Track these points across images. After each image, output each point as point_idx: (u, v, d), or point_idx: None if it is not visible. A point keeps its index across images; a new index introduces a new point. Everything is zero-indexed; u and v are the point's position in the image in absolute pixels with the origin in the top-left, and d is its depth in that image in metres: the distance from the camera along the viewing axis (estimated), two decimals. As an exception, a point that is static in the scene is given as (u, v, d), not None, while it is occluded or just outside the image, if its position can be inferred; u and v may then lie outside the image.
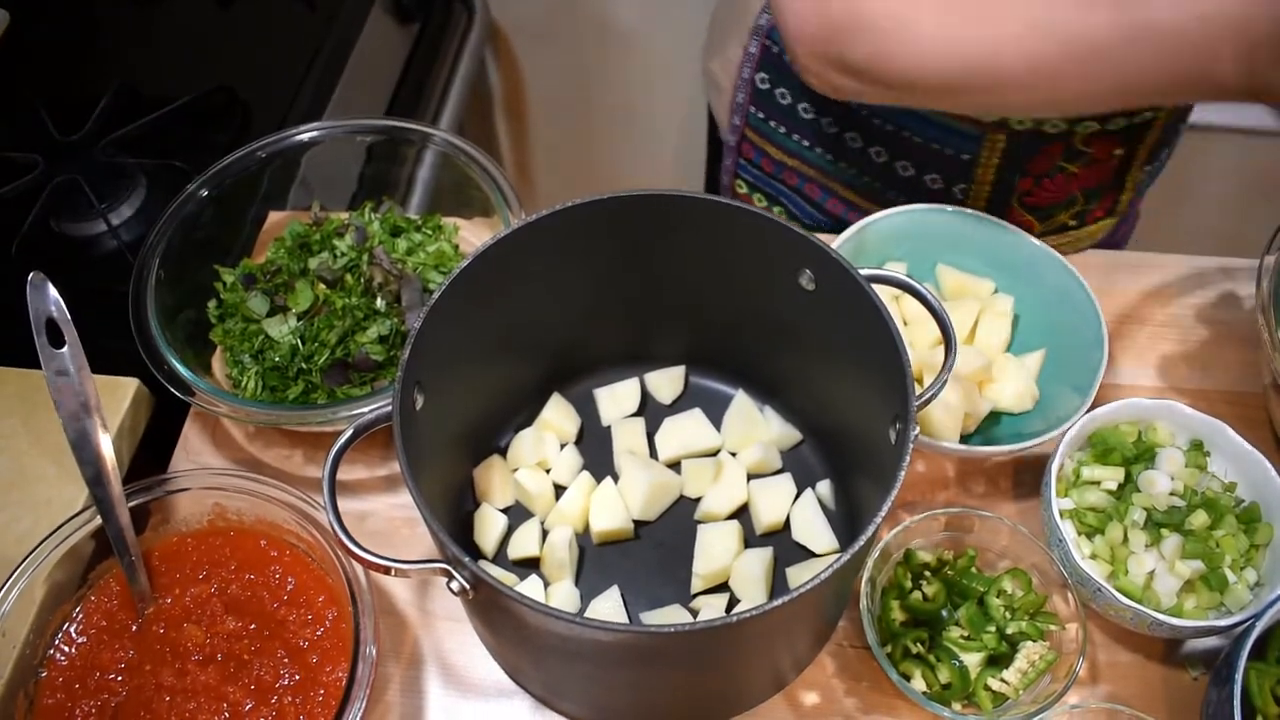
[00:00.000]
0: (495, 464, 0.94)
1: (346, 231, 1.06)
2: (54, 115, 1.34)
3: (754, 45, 1.11)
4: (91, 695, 0.80)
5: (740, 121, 1.19)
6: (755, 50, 1.12)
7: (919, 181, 1.09)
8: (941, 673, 0.82)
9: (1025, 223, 1.09)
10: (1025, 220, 1.09)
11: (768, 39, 1.10)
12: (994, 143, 1.01)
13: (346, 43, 1.49)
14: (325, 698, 0.79)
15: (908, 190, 1.10)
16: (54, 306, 0.82)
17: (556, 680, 0.82)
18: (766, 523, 0.90)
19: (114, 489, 0.83)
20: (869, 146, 1.09)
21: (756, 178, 1.24)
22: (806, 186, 1.19)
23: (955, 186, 1.07)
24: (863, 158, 1.11)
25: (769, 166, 1.21)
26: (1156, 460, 0.88)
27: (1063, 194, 1.06)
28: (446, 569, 0.68)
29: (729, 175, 1.27)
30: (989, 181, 1.05)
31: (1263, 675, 0.77)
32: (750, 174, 1.24)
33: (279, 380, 0.97)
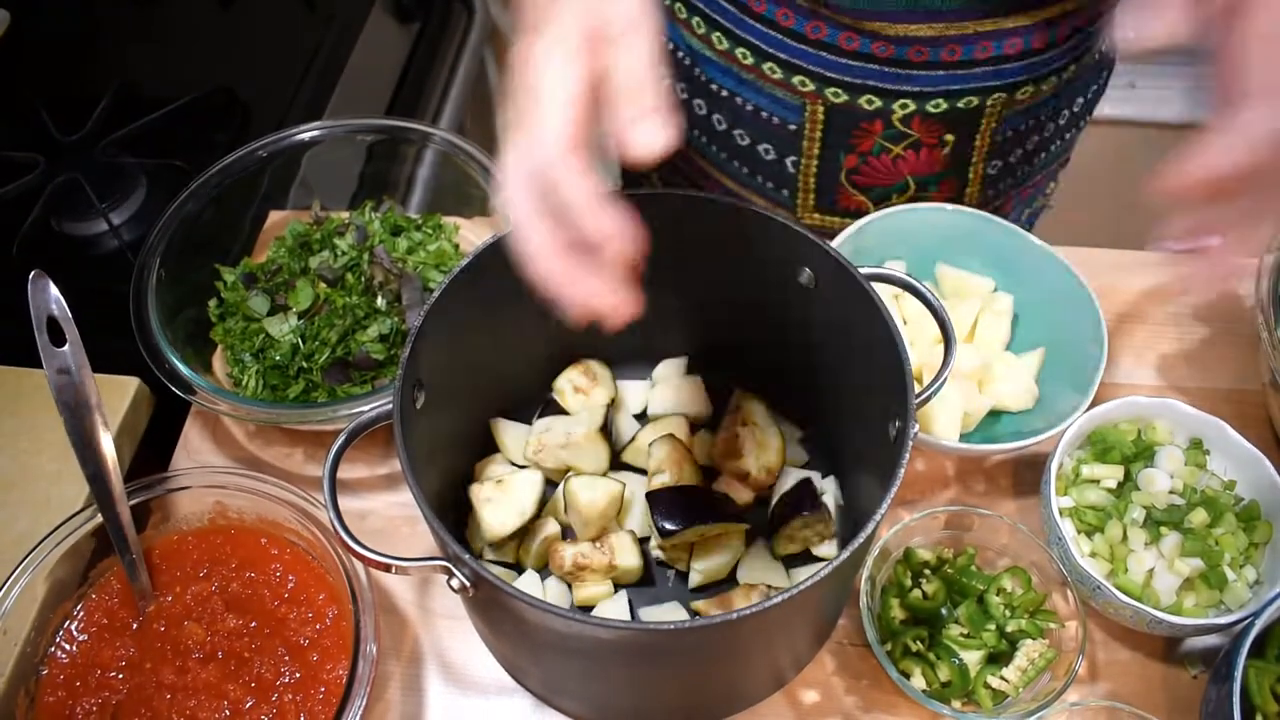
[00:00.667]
0: (496, 461, 0.94)
1: (347, 230, 1.06)
2: (55, 115, 1.34)
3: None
4: (92, 693, 0.80)
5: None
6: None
7: (754, 151, 1.08)
8: (941, 670, 0.82)
9: (858, 203, 1.09)
10: (858, 200, 1.09)
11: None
12: (814, 113, 1.01)
13: (346, 42, 1.49)
14: (326, 695, 0.79)
15: (748, 160, 1.09)
16: (55, 305, 0.82)
17: (556, 678, 0.82)
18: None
19: (115, 487, 0.83)
20: (712, 113, 1.08)
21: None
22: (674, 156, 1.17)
23: (787, 158, 1.06)
24: (708, 125, 1.10)
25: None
26: (1156, 458, 0.88)
27: (892, 177, 1.05)
28: (447, 566, 0.68)
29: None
30: (816, 155, 1.04)
31: (1262, 673, 0.77)
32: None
33: (280, 379, 0.97)
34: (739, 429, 0.90)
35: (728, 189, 1.14)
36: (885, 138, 1.02)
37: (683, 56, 1.07)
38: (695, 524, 0.82)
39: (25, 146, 1.30)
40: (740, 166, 1.10)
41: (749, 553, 0.88)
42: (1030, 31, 0.95)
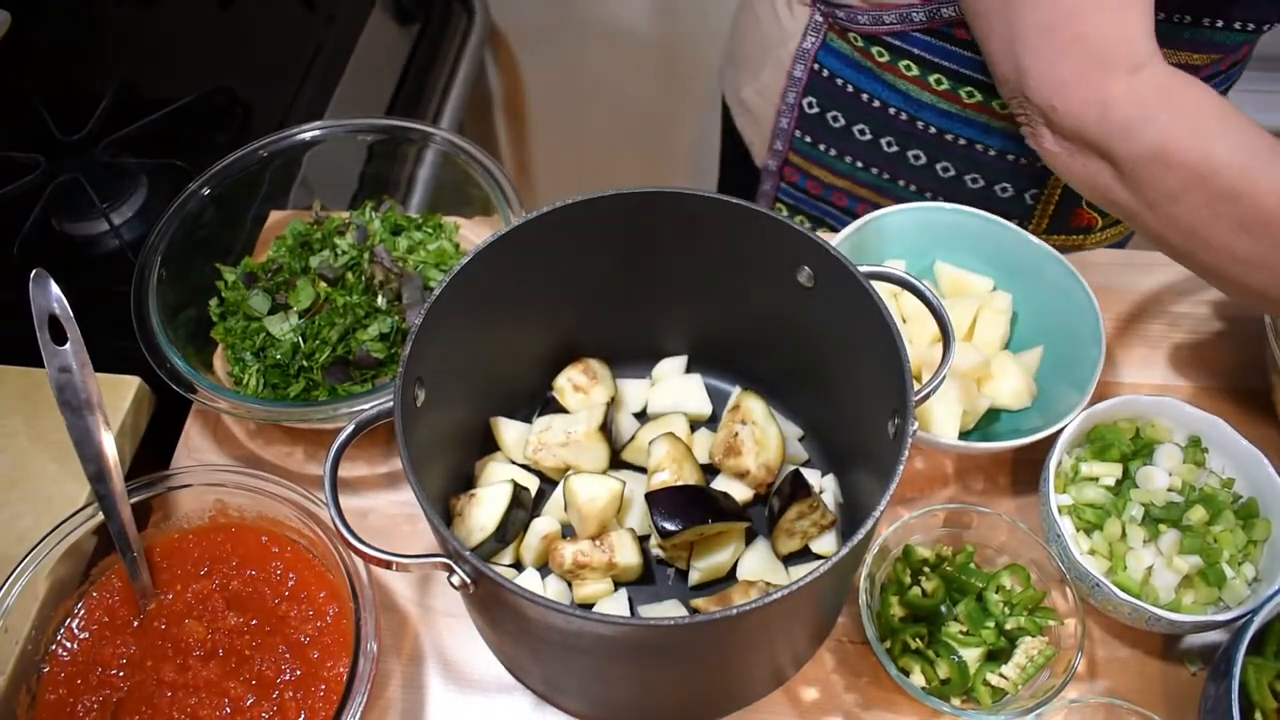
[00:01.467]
0: (496, 459, 0.94)
1: (347, 230, 1.06)
2: (56, 115, 1.34)
3: (799, 69, 1.12)
4: (93, 690, 0.80)
5: (783, 146, 1.18)
6: (802, 75, 1.12)
7: (989, 191, 1.10)
8: (941, 668, 0.82)
9: (1089, 219, 1.11)
10: (1089, 218, 1.11)
11: (815, 62, 1.10)
12: None
13: (347, 43, 1.49)
14: (326, 693, 0.79)
15: (975, 200, 1.10)
16: (56, 303, 0.82)
17: (557, 675, 0.82)
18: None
19: (116, 486, 0.83)
20: (935, 162, 1.10)
21: (799, 200, 1.24)
22: (859, 207, 1.19)
23: (1026, 193, 1.08)
24: (928, 173, 1.11)
25: (815, 189, 1.21)
26: (1155, 456, 0.89)
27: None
28: (448, 563, 0.68)
29: (767, 200, 1.27)
30: (1061, 185, 1.05)
31: (1260, 670, 0.77)
32: (792, 197, 1.25)
33: (280, 377, 0.97)
34: (738, 427, 0.90)
35: None
36: None
37: (896, 111, 1.09)
38: (695, 524, 0.82)
39: (26, 146, 1.31)
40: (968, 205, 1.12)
41: (749, 550, 0.88)
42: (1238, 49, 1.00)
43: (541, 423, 0.93)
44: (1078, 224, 1.14)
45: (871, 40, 1.06)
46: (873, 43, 1.07)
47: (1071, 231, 1.18)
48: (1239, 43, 0.98)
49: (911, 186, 1.14)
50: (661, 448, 0.89)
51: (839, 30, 1.08)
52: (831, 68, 1.11)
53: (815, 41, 1.10)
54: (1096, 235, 1.19)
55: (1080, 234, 1.18)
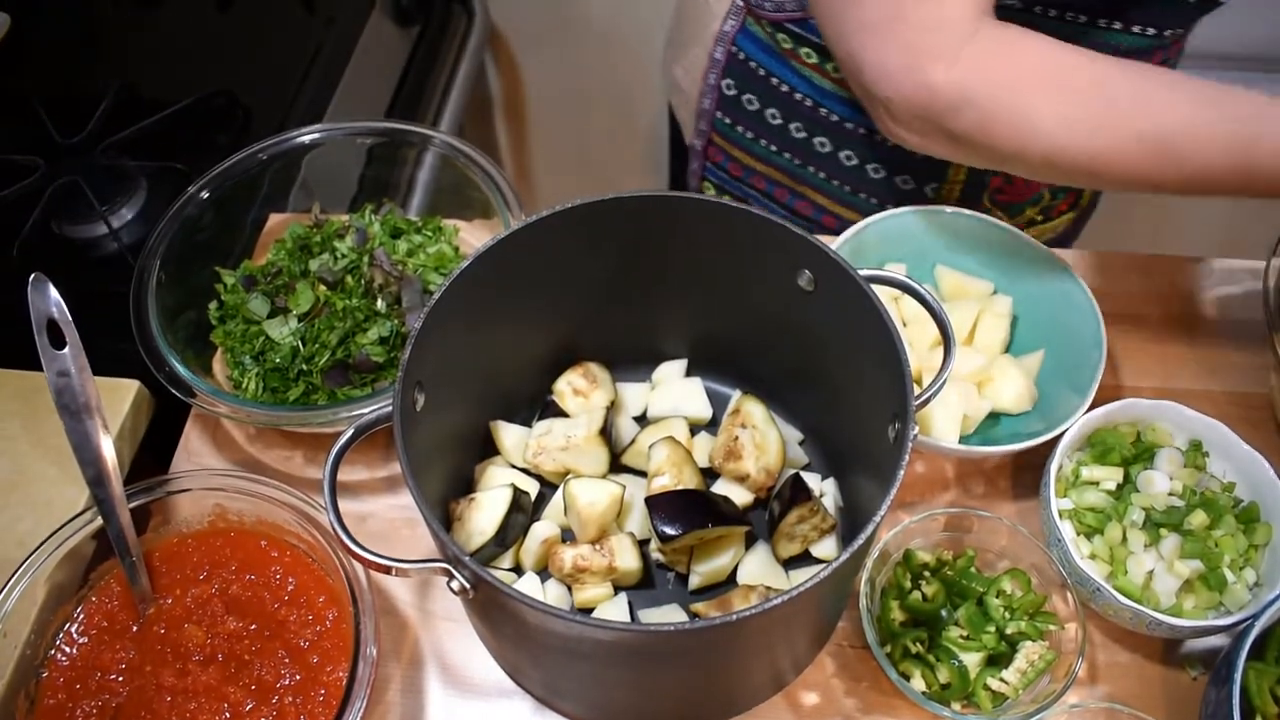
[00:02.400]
0: (496, 463, 0.94)
1: (347, 233, 1.06)
2: (55, 118, 1.34)
3: (719, 52, 1.12)
4: (92, 695, 0.80)
5: (706, 126, 1.19)
6: (721, 57, 1.12)
7: (890, 183, 1.09)
8: (941, 673, 0.82)
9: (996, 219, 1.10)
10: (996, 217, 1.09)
11: (733, 45, 1.11)
12: None
13: (346, 45, 1.49)
14: (326, 698, 0.79)
15: (878, 192, 1.10)
16: (55, 307, 0.82)
17: (556, 680, 0.82)
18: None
19: (115, 490, 0.83)
20: (839, 150, 1.10)
21: (724, 180, 1.25)
22: (776, 191, 1.19)
23: (926, 186, 1.08)
24: (832, 161, 1.11)
25: (736, 170, 1.21)
26: (1155, 460, 0.88)
27: (1031, 190, 1.06)
28: (447, 568, 0.68)
29: (695, 179, 1.28)
30: (960, 180, 1.05)
31: (1261, 675, 0.77)
32: (717, 177, 1.25)
33: (280, 381, 0.97)
34: (738, 431, 0.90)
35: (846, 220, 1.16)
36: None
37: (801, 98, 1.08)
38: (694, 529, 0.82)
39: (25, 149, 1.31)
40: (867, 199, 1.12)
41: (749, 555, 0.88)
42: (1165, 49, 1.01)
43: (541, 426, 0.93)
44: None
45: (776, 27, 1.07)
46: (778, 29, 1.07)
47: None
48: (1143, 47, 0.98)
49: (820, 174, 1.15)
50: (661, 451, 0.89)
51: (754, 14, 1.09)
52: (748, 51, 1.11)
53: (735, 25, 1.11)
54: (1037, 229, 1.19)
55: None
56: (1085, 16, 0.95)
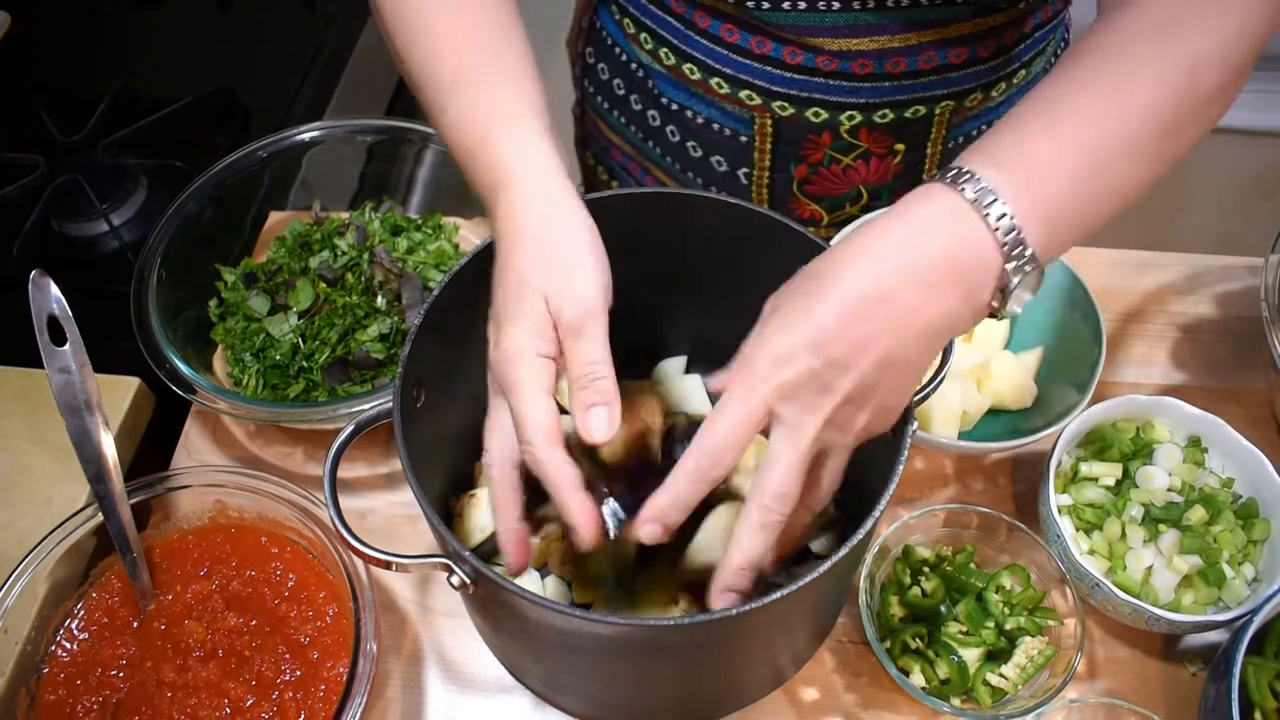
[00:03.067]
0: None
1: (347, 231, 1.06)
2: (55, 116, 1.34)
3: (585, 19, 1.11)
4: (93, 691, 0.80)
5: (579, 94, 1.18)
6: (585, 25, 1.11)
7: (707, 163, 1.08)
8: (940, 668, 0.82)
9: (811, 212, 1.09)
10: (811, 210, 1.09)
11: (595, 15, 1.09)
12: (763, 126, 1.01)
13: (346, 43, 1.49)
14: (326, 693, 0.79)
15: (702, 172, 1.09)
16: (56, 304, 0.82)
17: (556, 675, 0.82)
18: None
19: (115, 486, 0.83)
20: (665, 125, 1.08)
21: (598, 151, 1.22)
22: (629, 164, 1.17)
23: (739, 170, 1.06)
24: (662, 137, 1.09)
25: (601, 140, 1.19)
26: (1154, 456, 0.89)
27: (843, 185, 1.05)
28: (447, 563, 0.68)
29: (580, 148, 1.26)
30: (767, 167, 1.04)
31: (1260, 670, 0.77)
32: (594, 147, 1.23)
33: (280, 378, 0.97)
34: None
35: None
36: (834, 149, 1.02)
37: (635, 69, 1.07)
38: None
39: (26, 147, 1.31)
40: (695, 178, 1.10)
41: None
42: (975, 40, 0.96)
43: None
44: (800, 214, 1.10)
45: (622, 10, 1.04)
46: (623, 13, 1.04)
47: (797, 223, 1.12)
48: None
49: (657, 149, 1.12)
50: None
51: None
52: (602, 21, 1.09)
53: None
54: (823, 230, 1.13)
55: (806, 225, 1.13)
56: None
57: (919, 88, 0.97)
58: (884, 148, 1.02)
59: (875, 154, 1.02)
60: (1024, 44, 1.00)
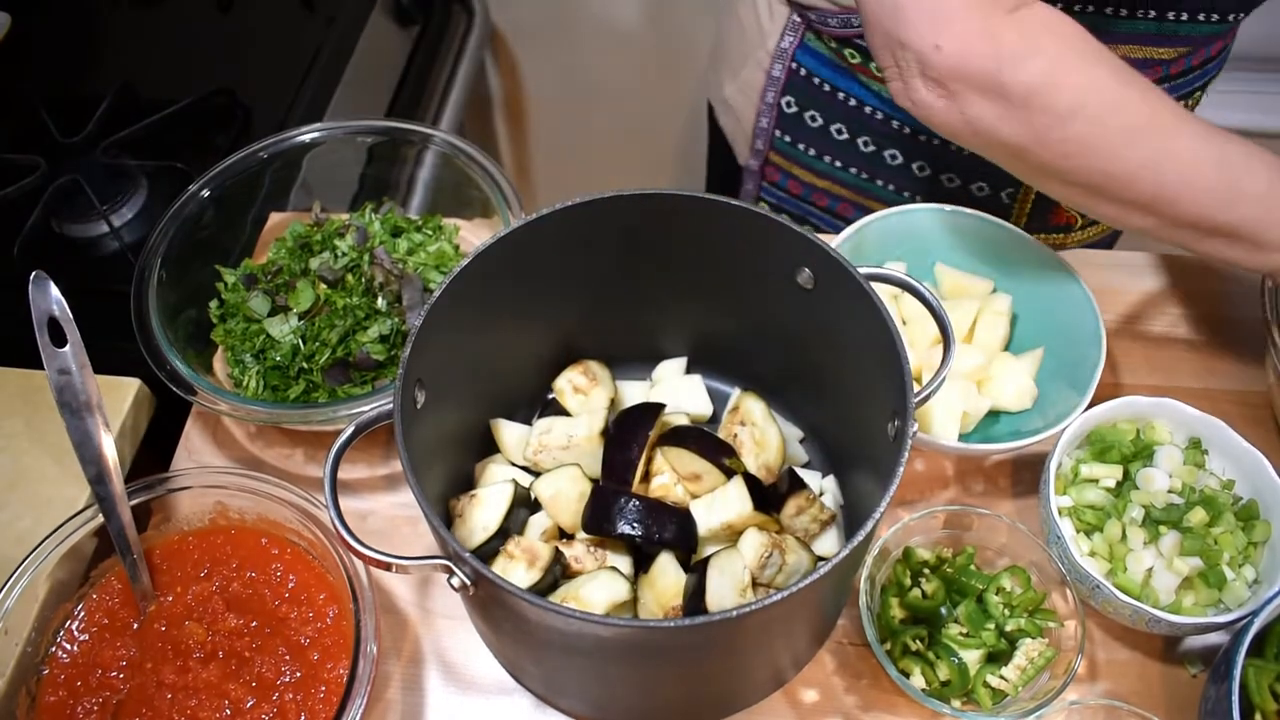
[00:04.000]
0: (496, 461, 0.94)
1: (347, 232, 1.06)
2: (55, 117, 1.34)
3: (778, 69, 1.12)
4: (93, 692, 0.80)
5: (764, 146, 1.19)
6: (780, 74, 1.12)
7: (965, 190, 1.10)
8: (941, 670, 0.82)
9: (1068, 219, 1.12)
10: (1069, 217, 1.12)
11: (793, 61, 1.11)
12: None
13: (347, 45, 1.49)
14: (326, 695, 0.79)
15: (953, 200, 1.11)
16: (56, 305, 0.82)
17: (556, 677, 0.82)
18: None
19: (116, 487, 0.83)
20: (910, 162, 1.10)
21: (781, 199, 1.24)
22: (839, 206, 1.20)
23: (1003, 191, 1.08)
24: (904, 173, 1.12)
25: (796, 189, 1.21)
26: (1155, 458, 0.88)
27: None
28: (447, 565, 0.68)
29: (750, 199, 1.27)
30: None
31: (1261, 672, 0.77)
32: (775, 196, 1.25)
33: (280, 379, 0.97)
34: (737, 428, 0.90)
35: None
36: None
37: (871, 111, 1.10)
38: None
39: (26, 148, 1.31)
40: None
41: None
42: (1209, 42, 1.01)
43: (542, 424, 0.93)
44: (1057, 222, 1.15)
45: (843, 42, 1.07)
46: (844, 44, 1.07)
47: (1051, 230, 1.18)
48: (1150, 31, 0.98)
49: (890, 186, 1.15)
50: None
51: (815, 30, 1.09)
52: (809, 67, 1.11)
53: (793, 41, 1.11)
54: (1076, 234, 1.19)
55: (1060, 232, 1.19)
56: (1154, 10, 0.95)
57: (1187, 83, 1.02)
58: None
59: None
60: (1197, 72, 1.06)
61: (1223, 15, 0.96)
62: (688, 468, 0.86)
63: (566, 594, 0.81)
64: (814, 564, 0.83)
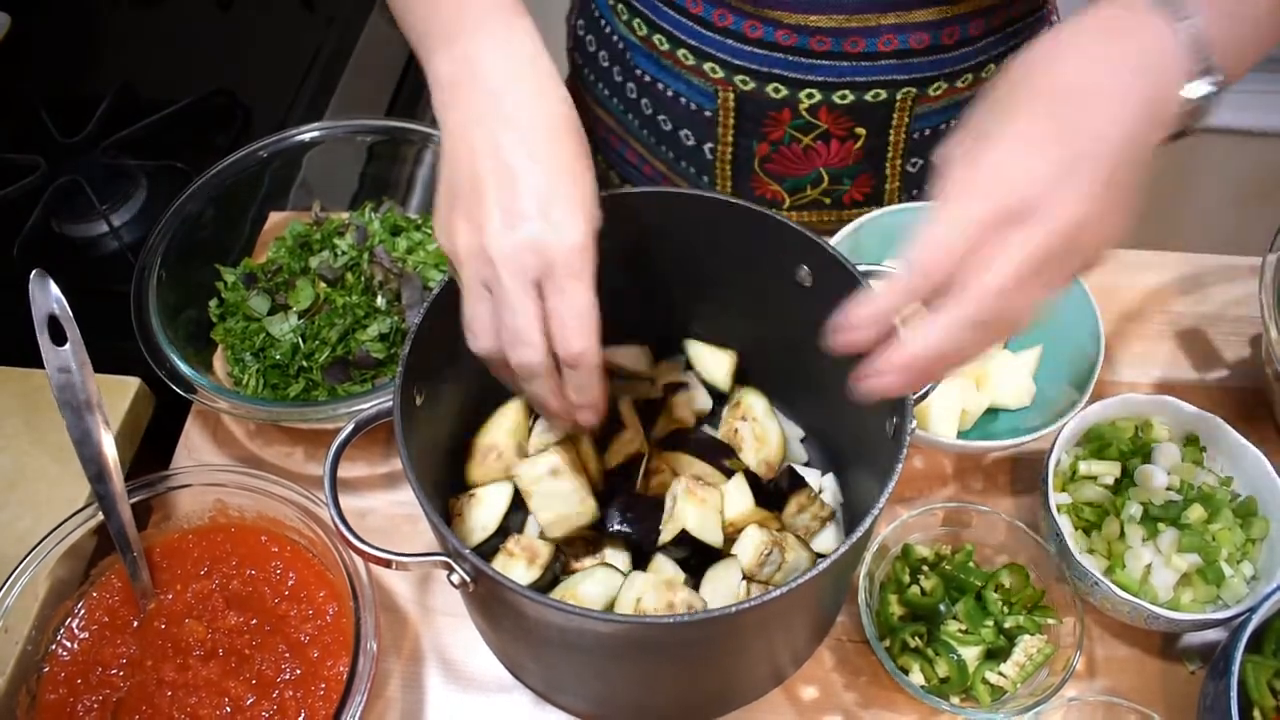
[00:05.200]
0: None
1: (347, 231, 1.06)
2: (55, 117, 1.34)
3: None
4: (93, 690, 0.80)
5: (570, 68, 1.18)
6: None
7: (676, 136, 1.09)
8: (940, 666, 0.82)
9: (773, 192, 1.09)
10: (772, 189, 1.09)
11: None
12: (726, 100, 1.02)
13: (347, 44, 1.49)
14: (326, 692, 0.79)
15: (673, 145, 1.10)
16: (56, 304, 0.82)
17: (556, 674, 0.82)
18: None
19: (116, 486, 0.83)
20: (640, 99, 1.09)
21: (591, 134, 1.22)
22: (611, 138, 1.18)
23: (705, 144, 1.07)
24: (637, 108, 1.11)
25: (587, 115, 1.19)
26: (1153, 455, 0.89)
27: (804, 167, 1.05)
28: (447, 561, 0.68)
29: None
30: (730, 142, 1.05)
31: (1259, 668, 0.77)
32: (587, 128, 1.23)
33: (280, 378, 0.97)
34: (738, 424, 0.90)
35: (659, 173, 1.15)
36: (794, 127, 1.02)
37: (616, 41, 1.08)
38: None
39: (26, 148, 1.31)
40: (667, 151, 1.11)
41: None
42: (938, 27, 0.96)
43: (544, 423, 0.93)
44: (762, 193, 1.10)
45: None
46: None
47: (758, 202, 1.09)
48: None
49: (635, 122, 1.13)
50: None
51: None
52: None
53: None
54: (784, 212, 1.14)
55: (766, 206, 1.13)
56: None
57: (878, 70, 0.98)
58: (844, 130, 1.02)
59: (835, 136, 1.03)
60: (992, 37, 1.00)
61: None
62: (688, 471, 0.86)
63: (564, 591, 0.81)
64: (813, 563, 0.83)
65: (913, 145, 1.05)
